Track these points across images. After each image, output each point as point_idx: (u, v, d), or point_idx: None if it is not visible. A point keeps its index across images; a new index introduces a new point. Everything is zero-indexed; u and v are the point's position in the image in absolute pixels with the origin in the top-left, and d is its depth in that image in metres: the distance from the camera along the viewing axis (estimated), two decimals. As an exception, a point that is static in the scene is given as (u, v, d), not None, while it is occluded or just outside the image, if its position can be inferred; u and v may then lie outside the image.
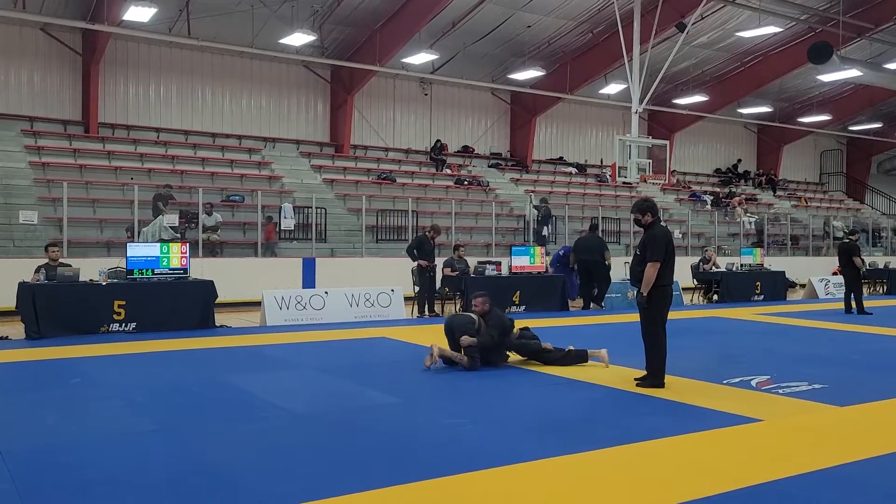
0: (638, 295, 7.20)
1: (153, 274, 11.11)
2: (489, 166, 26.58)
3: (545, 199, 21.72)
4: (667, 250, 7.08)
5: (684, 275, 17.16)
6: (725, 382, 7.38)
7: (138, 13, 16.93)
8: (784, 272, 18.65)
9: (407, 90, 25.18)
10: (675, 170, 29.64)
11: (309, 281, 16.04)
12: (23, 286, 10.20)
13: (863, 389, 7.14)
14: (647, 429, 5.59)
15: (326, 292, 12.90)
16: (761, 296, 17.41)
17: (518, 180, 25.97)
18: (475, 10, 21.21)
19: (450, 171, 25.01)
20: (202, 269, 13.23)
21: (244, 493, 4.19)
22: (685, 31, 19.65)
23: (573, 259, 15.52)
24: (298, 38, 19.54)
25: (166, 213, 16.25)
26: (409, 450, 5.05)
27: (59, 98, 20.05)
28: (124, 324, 10.65)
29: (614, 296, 15.54)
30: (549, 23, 22.60)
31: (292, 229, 18.07)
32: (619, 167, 18.59)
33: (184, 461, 4.78)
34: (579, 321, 13.15)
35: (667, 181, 22.52)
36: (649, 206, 7.37)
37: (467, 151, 26.51)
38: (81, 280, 10.65)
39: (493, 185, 24.73)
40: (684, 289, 17.07)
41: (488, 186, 24.35)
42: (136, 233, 15.66)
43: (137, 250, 11.26)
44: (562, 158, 28.68)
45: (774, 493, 4.24)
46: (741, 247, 21.13)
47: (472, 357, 7.95)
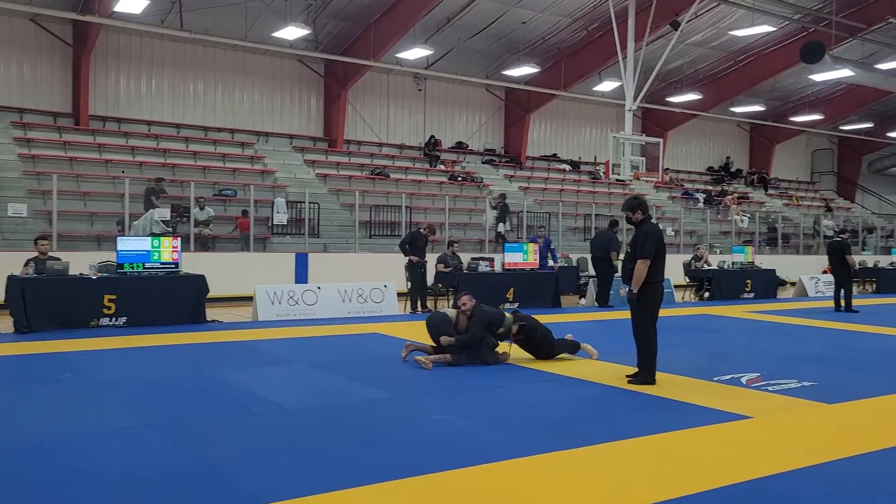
0: (629, 292, 7.22)
1: (144, 268, 11.07)
2: (483, 162, 26.59)
3: (504, 196, 21.48)
4: (657, 248, 7.09)
5: (676, 272, 17.23)
6: (716, 379, 7.41)
7: (130, 4, 16.79)
8: (774, 270, 18.74)
9: (401, 85, 25.14)
10: (669, 168, 29.70)
11: (301, 276, 16.01)
12: (12, 280, 10.16)
13: (851, 387, 7.19)
14: (638, 425, 5.61)
15: (319, 288, 12.88)
16: (752, 293, 17.49)
17: (512, 177, 25.98)
18: (470, 5, 21.20)
19: (443, 167, 25.00)
20: (194, 263, 13.21)
21: (236, 488, 4.19)
22: (679, 30, 19.67)
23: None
24: (292, 32, 19.47)
25: (158, 206, 16.19)
26: (400, 445, 5.05)
27: (50, 90, 19.94)
28: (115, 318, 10.61)
29: (606, 293, 15.56)
30: (544, 19, 22.60)
31: (285, 224, 18.02)
32: (612, 164, 18.59)
33: (175, 456, 4.78)
34: (571, 317, 13.18)
35: (660, 179, 22.61)
36: (639, 204, 7.39)
37: (461, 147, 26.50)
38: (71, 274, 10.61)
39: (486, 181, 24.72)
40: (676, 286, 17.14)
41: (482, 183, 24.35)
42: (126, 226, 15.60)
43: (128, 244, 11.21)
44: (555, 155, 28.71)
45: (760, 491, 4.27)
46: (733, 245, 21.21)
47: (453, 354, 8.00)
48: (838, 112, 31.74)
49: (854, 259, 14.44)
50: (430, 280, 14.02)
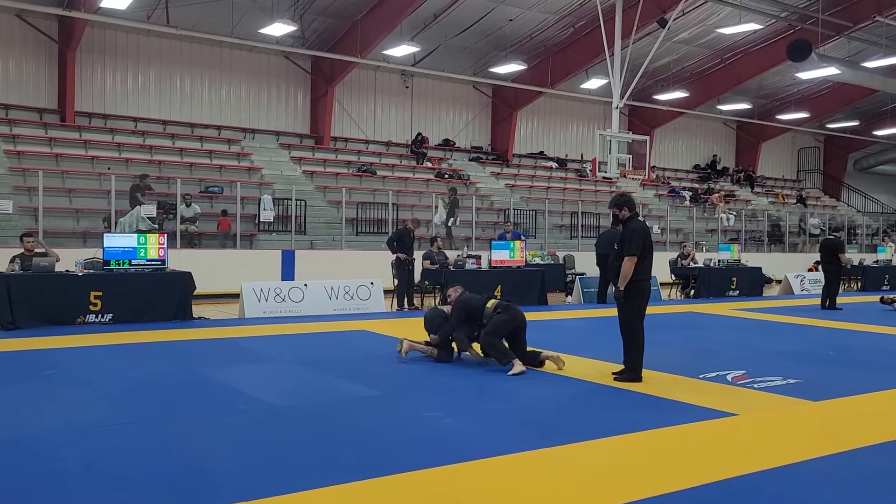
0: (616, 290, 7.24)
1: (130, 265, 11.02)
2: (470, 160, 26.58)
3: (454, 190, 21.17)
4: (644, 245, 7.11)
5: (662, 270, 17.27)
6: (702, 377, 7.44)
7: (116, 0, 16.70)
8: (761, 268, 18.84)
9: (388, 82, 25.08)
10: (655, 165, 29.80)
11: (288, 273, 15.97)
12: (-3, 276, 10.07)
13: (836, 385, 7.24)
14: (623, 423, 5.63)
15: (305, 285, 12.85)
16: (736, 291, 17.56)
17: (499, 174, 26.00)
18: (457, 2, 21.17)
19: (430, 165, 24.98)
20: (180, 260, 13.14)
21: (221, 486, 4.17)
22: (666, 27, 19.72)
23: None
24: (279, 29, 19.40)
25: (144, 203, 16.10)
26: (385, 443, 5.05)
27: (35, 86, 19.76)
28: (100, 315, 10.55)
29: (592, 290, 15.61)
30: (532, 16, 22.61)
31: (272, 221, 17.97)
32: (599, 162, 18.67)
33: (160, 454, 4.75)
34: (558, 315, 13.21)
35: (646, 177, 22.66)
36: (626, 201, 7.40)
37: (448, 145, 26.48)
38: (57, 270, 10.54)
39: (473, 178, 24.73)
40: (662, 284, 17.19)
41: (469, 180, 24.34)
42: (113, 223, 15.51)
43: (114, 241, 11.16)
44: (542, 153, 28.74)
45: (746, 488, 4.29)
46: (719, 242, 21.31)
47: (440, 349, 8.02)
48: (824, 110, 31.93)
49: (847, 257, 14.52)
50: (418, 277, 14.02)
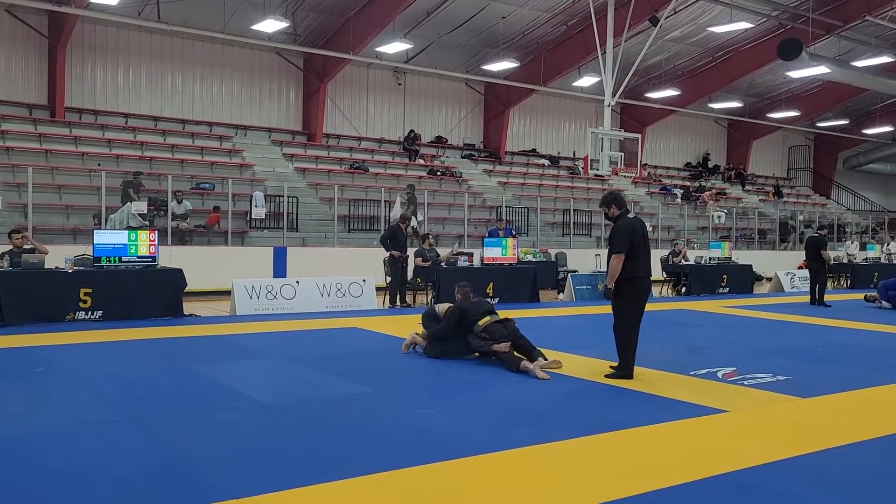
0: (605, 287, 7.26)
1: (121, 262, 10.97)
2: (462, 157, 26.58)
3: (412, 186, 20.90)
4: (632, 242, 7.11)
5: (654, 267, 17.27)
6: (692, 374, 7.47)
7: (107, -4, 16.65)
8: (751, 266, 18.90)
9: (380, 79, 25.05)
10: (647, 163, 29.87)
11: (280, 270, 15.94)
12: (-14, 273, 10.01)
13: (825, 381, 7.28)
14: (614, 419, 5.64)
15: (297, 282, 12.83)
16: (727, 288, 17.61)
17: (491, 171, 26.01)
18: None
19: (423, 162, 24.97)
20: (171, 257, 13.09)
21: (213, 483, 4.16)
22: (658, 25, 19.77)
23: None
24: (271, 25, 19.32)
25: (135, 200, 16.04)
26: (377, 440, 5.04)
27: (25, 81, 19.64)
28: (90, 312, 10.50)
29: (584, 287, 15.65)
30: (524, 14, 22.61)
31: (263, 218, 17.93)
32: (591, 160, 18.68)
33: (151, 451, 4.73)
34: (550, 312, 13.23)
35: (638, 174, 22.71)
36: (614, 199, 7.44)
37: (440, 142, 26.47)
38: (47, 267, 10.49)
39: (466, 175, 24.74)
40: (653, 281, 17.17)
41: (461, 177, 24.35)
42: (103, 220, 15.44)
43: (105, 237, 11.11)
44: (535, 150, 28.77)
45: (736, 483, 4.31)
46: (710, 240, 21.37)
47: (429, 344, 8.12)
48: (815, 109, 32.09)
49: (829, 255, 14.71)
50: (410, 274, 14.02)
